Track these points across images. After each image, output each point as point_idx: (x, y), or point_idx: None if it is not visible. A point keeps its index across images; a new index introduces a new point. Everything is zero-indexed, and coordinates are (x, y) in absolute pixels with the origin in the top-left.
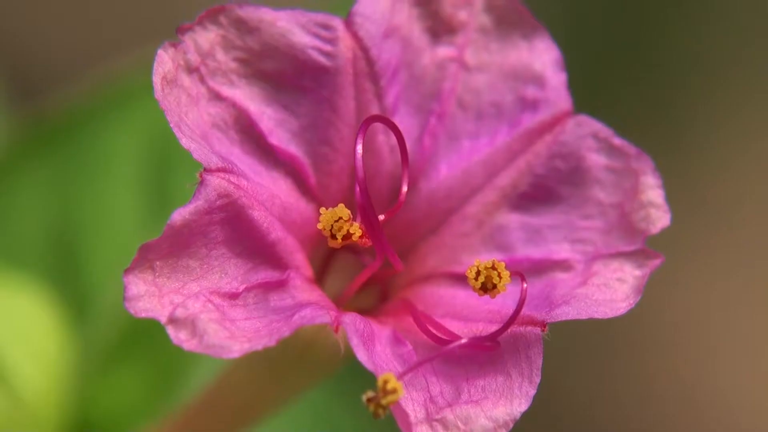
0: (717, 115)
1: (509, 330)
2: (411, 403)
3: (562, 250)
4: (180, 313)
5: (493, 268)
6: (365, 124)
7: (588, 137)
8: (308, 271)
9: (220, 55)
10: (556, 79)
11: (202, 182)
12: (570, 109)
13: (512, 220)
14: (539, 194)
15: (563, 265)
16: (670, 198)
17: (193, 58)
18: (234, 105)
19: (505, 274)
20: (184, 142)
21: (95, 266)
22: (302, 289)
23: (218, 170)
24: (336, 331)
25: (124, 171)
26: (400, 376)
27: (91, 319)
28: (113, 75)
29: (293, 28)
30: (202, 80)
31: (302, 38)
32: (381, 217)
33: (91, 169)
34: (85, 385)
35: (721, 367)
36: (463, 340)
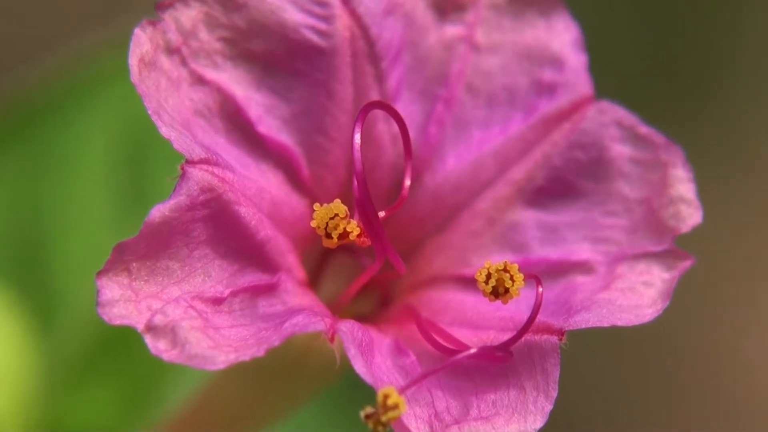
0: (753, 102)
1: (523, 339)
2: (414, 419)
3: (583, 251)
4: (159, 319)
5: (506, 270)
6: (364, 110)
7: (611, 125)
8: (301, 273)
9: (204, 35)
10: (576, 61)
11: (183, 175)
12: (591, 94)
13: (527, 217)
14: (557, 189)
15: (583, 267)
16: (702, 193)
17: (174, 37)
18: (219, 90)
19: (519, 277)
20: (164, 131)
21: (64, 268)
22: (294, 294)
23: (201, 162)
24: (331, 340)
25: (96, 163)
26: (402, 390)
27: (60, 327)
28: (82, 56)
29: (284, 5)
30: (183, 62)
31: (295, 15)
32: (381, 214)
33: (59, 161)
34: (53, 402)
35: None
36: (472, 350)
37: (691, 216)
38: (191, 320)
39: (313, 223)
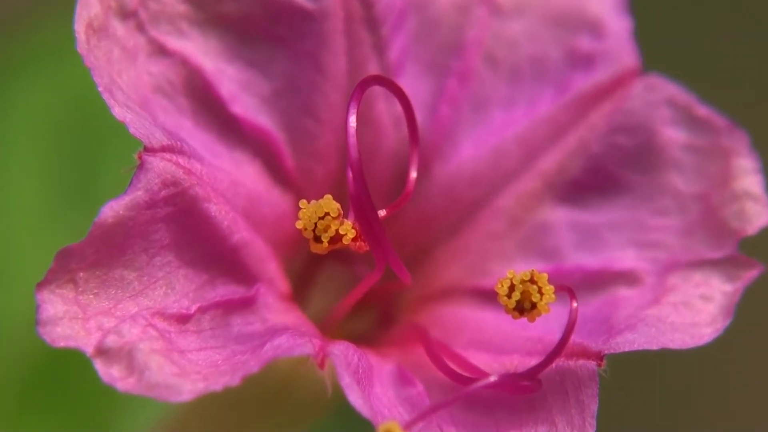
0: None
1: (554, 364)
2: None
3: (627, 258)
4: (112, 341)
5: (532, 281)
6: (360, 87)
7: (661, 105)
8: (283, 285)
9: None
10: (619, 26)
11: (141, 165)
12: (636, 67)
13: (559, 216)
14: (595, 182)
15: (628, 278)
16: None
17: None
18: (184, 62)
19: (548, 289)
20: (118, 112)
21: None
22: (275, 310)
23: (163, 149)
24: (321, 365)
25: (32, 151)
26: (407, 426)
27: None
28: (16, 21)
29: None
30: (141, 28)
31: None
32: (382, 213)
33: None
34: None
35: None
36: (492, 378)
37: (758, 215)
38: (151, 342)
39: (299, 224)
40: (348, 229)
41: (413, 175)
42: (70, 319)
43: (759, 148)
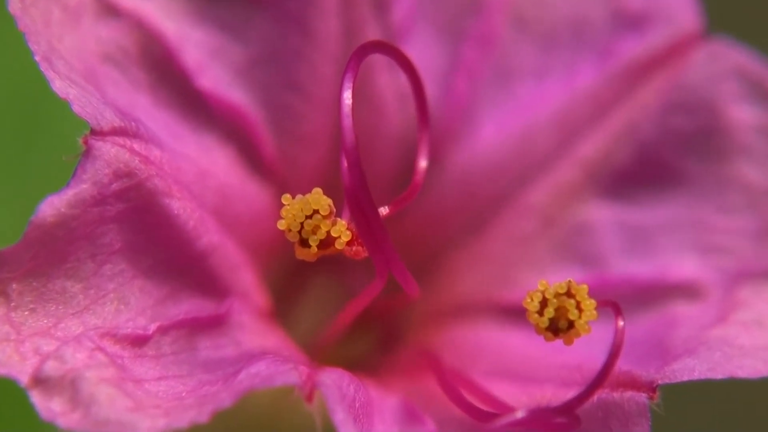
0: None
1: (595, 397)
2: None
3: (686, 265)
4: (52, 368)
5: (569, 294)
6: (357, 55)
7: (728, 77)
8: (262, 299)
9: None
10: None
11: (88, 152)
12: (698, 30)
13: (602, 215)
14: (647, 172)
15: (687, 290)
16: None
17: None
18: (140, 24)
19: (589, 304)
20: (59, 86)
21: None
22: (251, 330)
23: (114, 133)
24: (309, 398)
25: None
26: None
27: None
28: None
29: None
30: None
31: None
32: (383, 211)
33: None
34: None
35: None
36: (520, 414)
37: None
38: (100, 369)
39: (282, 224)
40: (342, 231)
41: (422, 164)
42: (1, 341)
43: None
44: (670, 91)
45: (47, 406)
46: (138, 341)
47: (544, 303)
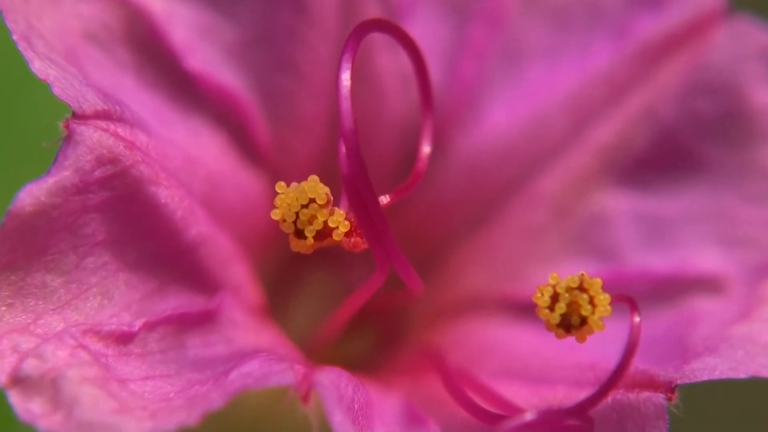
0: None
1: (609, 398)
2: None
3: (707, 258)
4: (31, 367)
5: (582, 289)
6: (356, 34)
7: (753, 59)
8: (255, 294)
9: None
10: None
11: (69, 137)
12: (721, 9)
13: (618, 204)
14: (666, 159)
15: (708, 285)
16: None
17: None
18: (124, 1)
19: (603, 299)
20: (38, 67)
21: None
22: (244, 327)
23: (97, 116)
24: (305, 399)
25: None
26: None
27: None
28: None
29: None
30: None
31: None
32: (384, 200)
33: None
34: None
35: None
36: (530, 416)
37: None
38: (82, 368)
39: (276, 214)
40: (340, 221)
41: (426, 150)
42: None
43: None
44: (690, 72)
45: (27, 407)
46: (123, 338)
47: (555, 298)
